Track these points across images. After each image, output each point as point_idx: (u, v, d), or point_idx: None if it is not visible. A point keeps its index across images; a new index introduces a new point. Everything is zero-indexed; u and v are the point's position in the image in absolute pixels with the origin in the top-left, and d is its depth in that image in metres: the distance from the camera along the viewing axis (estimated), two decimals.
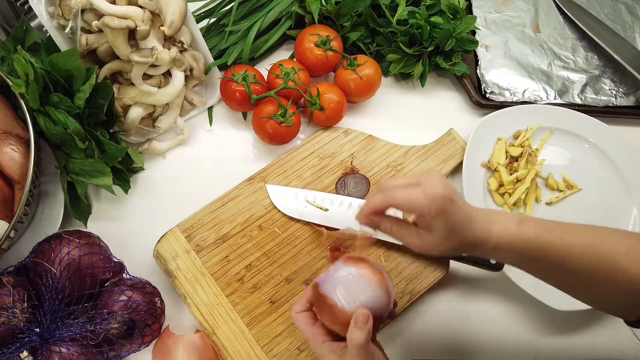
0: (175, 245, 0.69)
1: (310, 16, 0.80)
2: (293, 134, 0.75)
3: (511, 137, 0.80)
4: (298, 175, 0.75)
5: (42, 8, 0.65)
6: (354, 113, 0.82)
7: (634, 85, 0.85)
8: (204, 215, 0.71)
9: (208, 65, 0.77)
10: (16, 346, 0.58)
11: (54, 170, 0.71)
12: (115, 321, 0.60)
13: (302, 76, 0.76)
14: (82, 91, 0.66)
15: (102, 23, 0.63)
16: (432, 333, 0.70)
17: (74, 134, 0.64)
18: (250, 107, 0.77)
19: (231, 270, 0.69)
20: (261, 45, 0.82)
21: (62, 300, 0.60)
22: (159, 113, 0.76)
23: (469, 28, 0.79)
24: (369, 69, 0.78)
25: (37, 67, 0.63)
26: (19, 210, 0.60)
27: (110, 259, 0.64)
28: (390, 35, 0.80)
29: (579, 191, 0.77)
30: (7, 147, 0.64)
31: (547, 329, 0.71)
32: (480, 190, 0.76)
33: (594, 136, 0.80)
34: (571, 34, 0.89)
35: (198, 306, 0.66)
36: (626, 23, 0.90)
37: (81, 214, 0.71)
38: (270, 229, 0.71)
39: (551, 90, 0.84)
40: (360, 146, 0.77)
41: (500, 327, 0.71)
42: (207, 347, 0.64)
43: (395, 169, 0.76)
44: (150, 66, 0.70)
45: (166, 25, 0.69)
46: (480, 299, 0.72)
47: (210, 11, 0.86)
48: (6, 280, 0.60)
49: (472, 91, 0.83)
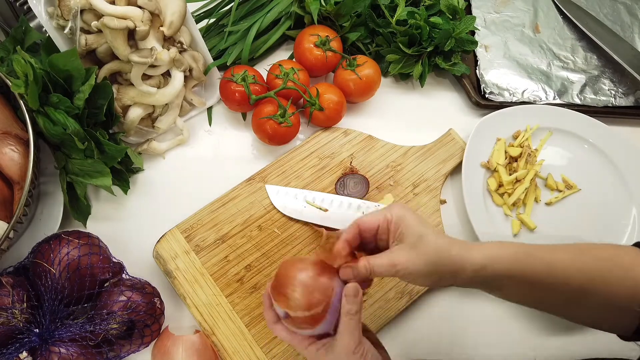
0: (174, 245, 0.69)
1: (310, 16, 0.80)
2: (292, 134, 0.75)
3: (510, 137, 0.80)
4: (297, 175, 0.75)
5: (42, 8, 0.65)
6: (354, 113, 0.82)
7: (633, 85, 0.85)
8: (204, 216, 0.71)
9: (207, 66, 0.77)
10: (15, 346, 0.58)
11: (54, 171, 0.71)
12: (114, 321, 0.60)
13: (301, 76, 0.76)
14: (81, 91, 0.66)
15: (101, 23, 0.63)
16: (432, 333, 0.70)
17: (74, 135, 0.64)
18: (250, 108, 0.77)
19: (231, 270, 0.69)
20: (260, 45, 0.82)
21: (61, 300, 0.60)
22: (159, 113, 0.76)
23: (469, 28, 0.79)
24: (369, 69, 0.78)
25: (37, 67, 0.63)
26: (18, 211, 0.60)
27: (110, 259, 0.64)
28: (389, 36, 0.80)
29: (579, 191, 0.77)
30: (6, 147, 0.63)
31: (547, 329, 0.71)
32: (479, 190, 0.76)
33: (593, 136, 0.80)
34: (570, 34, 0.89)
35: (197, 306, 0.66)
36: (625, 23, 0.90)
37: (80, 214, 0.71)
38: (269, 230, 0.71)
39: (550, 90, 0.84)
40: (360, 146, 0.77)
41: (500, 327, 0.71)
42: (206, 347, 0.64)
43: (395, 169, 0.76)
44: (149, 66, 0.70)
45: (165, 26, 0.69)
46: (480, 299, 0.72)
47: (209, 11, 0.86)
48: (5, 281, 0.60)
49: (472, 91, 0.83)
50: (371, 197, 0.74)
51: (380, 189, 0.75)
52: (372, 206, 0.73)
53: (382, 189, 0.75)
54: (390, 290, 0.69)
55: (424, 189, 0.76)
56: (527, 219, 0.74)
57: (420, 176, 0.76)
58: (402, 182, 0.76)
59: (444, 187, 0.77)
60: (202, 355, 0.63)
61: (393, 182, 0.76)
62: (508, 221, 0.75)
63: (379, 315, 0.68)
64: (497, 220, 0.75)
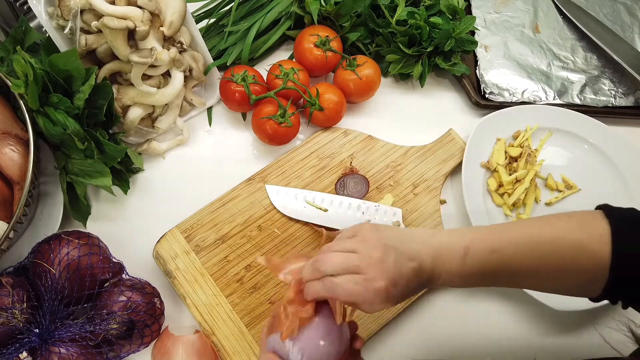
0: (174, 245, 0.69)
1: (310, 16, 0.80)
2: (292, 134, 0.75)
3: (510, 137, 0.80)
4: (297, 175, 0.75)
5: (42, 8, 0.65)
6: (354, 113, 0.82)
7: (633, 85, 0.85)
8: (204, 216, 0.71)
9: (207, 66, 0.77)
10: (15, 347, 0.58)
11: (53, 171, 0.71)
12: (114, 322, 0.60)
13: (301, 76, 0.76)
14: (81, 92, 0.66)
15: (101, 23, 0.63)
16: (432, 333, 0.70)
17: (74, 135, 0.64)
18: (250, 108, 0.77)
19: (231, 270, 0.69)
20: (260, 45, 0.82)
21: (61, 300, 0.60)
22: (159, 113, 0.76)
23: (469, 28, 0.79)
24: (369, 70, 0.78)
25: (37, 67, 0.63)
26: (18, 211, 0.60)
27: (110, 259, 0.64)
28: (389, 36, 0.80)
29: (579, 191, 0.77)
30: (6, 147, 0.63)
31: (547, 329, 0.71)
32: (479, 190, 0.76)
33: (593, 136, 0.80)
34: (570, 35, 0.89)
35: (197, 306, 0.66)
36: (625, 23, 0.90)
37: (80, 214, 0.71)
38: (269, 230, 0.71)
39: (550, 90, 0.84)
40: (360, 146, 0.77)
41: (500, 328, 0.71)
42: (206, 347, 0.64)
43: (395, 169, 0.76)
44: (149, 67, 0.70)
45: (165, 26, 0.69)
46: (480, 299, 0.72)
47: (209, 11, 0.86)
48: (5, 281, 0.60)
49: (472, 91, 0.83)
50: (371, 197, 0.74)
51: (380, 189, 0.75)
52: (372, 206, 0.73)
53: (382, 189, 0.75)
54: None
55: (424, 189, 0.76)
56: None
57: (420, 176, 0.76)
58: (402, 182, 0.76)
59: (444, 187, 0.77)
60: (202, 355, 0.63)
61: (393, 182, 0.76)
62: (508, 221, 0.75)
63: (379, 315, 0.68)
64: (497, 220, 0.75)
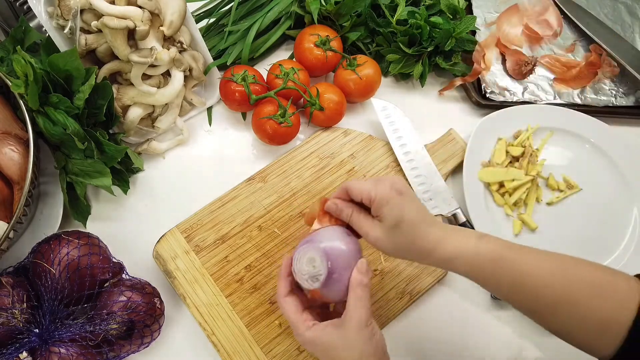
0: (174, 245, 0.69)
1: (310, 16, 0.80)
2: (292, 134, 0.75)
3: (511, 137, 0.80)
4: (298, 175, 0.75)
5: (41, 8, 0.65)
6: (354, 113, 0.82)
7: (633, 85, 0.84)
8: (204, 216, 0.71)
9: (207, 66, 0.77)
10: (15, 347, 0.58)
11: (53, 171, 0.71)
12: (114, 322, 0.59)
13: (301, 76, 0.76)
14: (81, 91, 0.66)
15: (101, 23, 0.63)
16: (432, 333, 0.70)
17: (73, 135, 0.64)
18: (250, 108, 0.77)
19: (231, 270, 0.69)
20: (261, 45, 0.82)
21: (61, 300, 0.60)
22: (159, 113, 0.76)
23: (469, 28, 0.79)
24: (369, 69, 0.78)
25: (37, 67, 0.63)
26: (18, 211, 0.60)
27: (110, 259, 0.64)
28: (390, 36, 0.80)
29: (580, 191, 0.77)
30: (6, 147, 0.63)
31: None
32: (480, 190, 0.76)
33: (594, 136, 0.79)
34: (571, 34, 0.89)
35: (197, 307, 0.66)
36: (626, 23, 0.90)
37: (80, 214, 0.71)
38: (269, 230, 0.71)
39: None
40: (360, 146, 0.77)
41: (500, 328, 0.71)
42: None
43: (395, 170, 0.76)
44: (149, 66, 0.69)
45: (165, 25, 0.69)
46: (480, 300, 0.72)
47: (209, 11, 0.86)
48: (5, 281, 0.60)
49: (472, 91, 0.83)
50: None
51: None
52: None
53: None
54: (390, 290, 0.69)
55: None
56: (528, 219, 0.74)
57: None
58: None
59: None
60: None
61: None
62: (509, 221, 0.75)
63: (379, 315, 0.68)
64: (498, 220, 0.75)
